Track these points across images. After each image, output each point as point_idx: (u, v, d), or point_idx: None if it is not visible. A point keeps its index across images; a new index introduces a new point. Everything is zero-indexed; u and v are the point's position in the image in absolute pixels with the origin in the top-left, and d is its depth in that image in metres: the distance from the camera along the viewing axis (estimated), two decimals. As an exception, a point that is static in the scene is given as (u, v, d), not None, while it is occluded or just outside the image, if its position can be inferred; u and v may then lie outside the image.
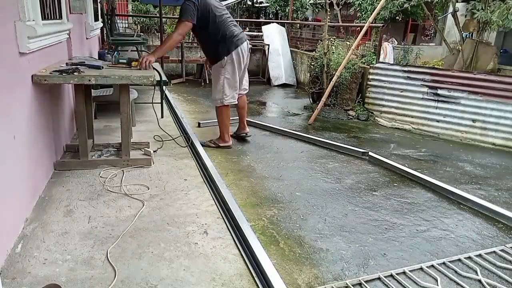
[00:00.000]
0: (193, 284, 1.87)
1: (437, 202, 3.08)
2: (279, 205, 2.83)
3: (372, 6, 11.69)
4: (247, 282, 1.91)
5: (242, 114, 4.30)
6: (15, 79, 2.19)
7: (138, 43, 6.15)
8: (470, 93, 4.94)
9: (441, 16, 13.07)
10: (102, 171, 3.08)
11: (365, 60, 6.71)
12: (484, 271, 2.17)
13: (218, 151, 3.91)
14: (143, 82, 2.82)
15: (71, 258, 1.98)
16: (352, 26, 12.33)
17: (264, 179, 3.28)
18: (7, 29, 2.12)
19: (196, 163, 3.42)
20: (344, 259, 2.20)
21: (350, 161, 3.88)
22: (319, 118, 5.53)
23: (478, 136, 4.93)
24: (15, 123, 2.13)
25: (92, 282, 1.83)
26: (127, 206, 2.57)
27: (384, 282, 2.01)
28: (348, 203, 2.95)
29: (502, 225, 2.74)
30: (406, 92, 5.50)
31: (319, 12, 18.39)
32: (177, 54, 8.42)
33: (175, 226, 2.37)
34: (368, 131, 5.21)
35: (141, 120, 4.57)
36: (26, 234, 2.16)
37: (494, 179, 3.66)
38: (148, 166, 3.24)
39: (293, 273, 2.05)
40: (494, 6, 7.96)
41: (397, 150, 4.38)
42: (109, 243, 2.13)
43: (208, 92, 7.25)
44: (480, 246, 2.46)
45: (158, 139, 3.91)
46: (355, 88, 5.98)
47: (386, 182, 3.40)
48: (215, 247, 2.18)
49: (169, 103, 5.59)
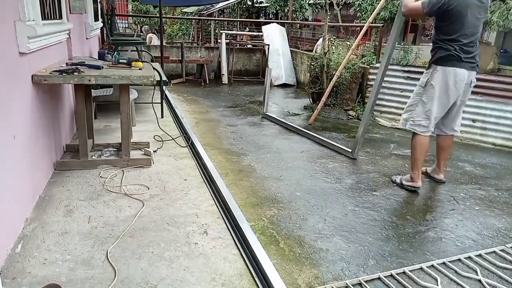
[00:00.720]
0: (193, 284, 1.87)
1: (438, 202, 3.08)
2: (279, 205, 2.83)
3: (372, 6, 11.69)
4: (247, 282, 1.91)
5: (440, 155, 3.45)
6: (15, 79, 2.19)
7: (138, 43, 6.15)
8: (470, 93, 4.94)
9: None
10: (102, 171, 3.08)
11: (365, 60, 6.71)
12: (484, 271, 2.17)
13: (218, 151, 3.91)
14: (143, 82, 2.82)
15: (71, 258, 1.98)
16: (352, 26, 12.33)
17: (264, 179, 3.28)
18: (7, 29, 2.12)
19: (196, 163, 3.42)
20: (344, 259, 2.20)
21: (350, 161, 3.88)
22: (319, 118, 5.54)
23: (478, 136, 4.93)
24: (15, 123, 2.13)
25: (92, 282, 1.83)
26: (127, 206, 2.57)
27: (384, 282, 2.01)
28: (348, 203, 2.95)
29: (501, 225, 2.75)
30: (406, 92, 5.50)
31: (319, 12, 18.40)
32: (177, 54, 8.43)
33: (175, 226, 2.37)
34: (368, 131, 5.20)
35: (141, 120, 4.57)
36: (26, 234, 2.16)
37: (494, 179, 3.66)
38: (148, 166, 3.24)
39: (293, 273, 2.05)
40: (494, 6, 7.96)
41: (397, 150, 4.38)
42: (109, 243, 2.13)
43: (208, 92, 7.25)
44: (480, 246, 2.46)
45: (158, 139, 3.91)
46: (355, 88, 5.98)
47: (386, 182, 3.40)
48: (215, 247, 2.18)
49: (169, 103, 5.59)
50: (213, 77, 8.69)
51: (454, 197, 3.19)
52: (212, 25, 13.99)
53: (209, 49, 9.11)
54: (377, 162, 3.92)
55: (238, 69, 9.06)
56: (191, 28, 15.14)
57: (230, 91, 7.47)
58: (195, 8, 15.46)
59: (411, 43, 14.55)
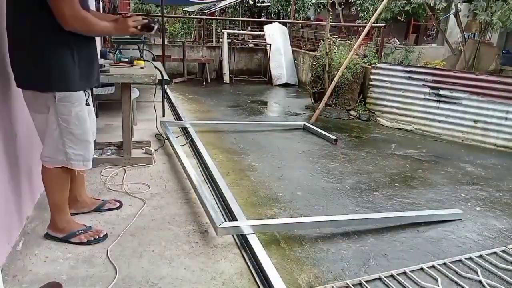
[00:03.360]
0: (194, 283, 1.87)
1: (438, 203, 3.08)
2: (280, 204, 2.83)
3: (373, 6, 11.68)
4: (247, 281, 1.92)
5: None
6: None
7: (140, 42, 6.14)
8: (472, 93, 4.93)
9: (443, 17, 13.06)
10: (104, 170, 3.08)
11: (366, 60, 6.70)
12: (485, 272, 2.17)
13: (219, 150, 3.91)
14: (145, 81, 2.82)
15: (72, 256, 1.99)
16: (354, 26, 12.31)
17: (265, 178, 3.28)
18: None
19: (197, 162, 3.42)
20: (345, 259, 2.20)
21: (351, 161, 3.88)
22: (320, 118, 5.53)
23: (479, 136, 4.92)
24: (16, 122, 2.13)
25: (93, 280, 1.83)
26: (128, 204, 2.57)
27: (384, 282, 2.01)
28: (349, 203, 2.95)
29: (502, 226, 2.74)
30: (407, 93, 5.49)
31: (321, 11, 18.38)
32: (178, 53, 8.43)
33: (176, 225, 2.37)
34: (370, 131, 5.21)
35: (142, 119, 4.57)
36: (27, 232, 2.16)
37: (496, 180, 3.66)
38: (149, 165, 3.24)
39: (293, 272, 2.05)
40: (496, 6, 7.94)
41: (398, 151, 4.37)
42: (109, 241, 2.14)
43: (209, 91, 7.25)
44: (481, 247, 2.45)
45: (160, 138, 3.92)
46: (356, 88, 5.97)
47: (387, 182, 3.40)
48: (215, 246, 2.18)
49: (170, 102, 5.59)
50: (215, 76, 8.69)
51: (455, 198, 3.18)
52: (214, 24, 13.98)
53: (211, 48, 9.10)
54: (378, 162, 3.92)
55: (239, 68, 9.05)
56: (192, 27, 15.14)
57: (232, 91, 7.47)
58: (197, 7, 15.45)
59: (413, 43, 14.54)
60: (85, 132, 1.96)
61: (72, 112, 1.88)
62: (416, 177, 3.57)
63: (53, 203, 2.05)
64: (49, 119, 1.87)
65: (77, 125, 1.91)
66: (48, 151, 1.95)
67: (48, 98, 1.83)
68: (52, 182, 2.03)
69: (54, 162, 1.97)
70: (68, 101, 1.86)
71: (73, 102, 1.87)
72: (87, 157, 2.01)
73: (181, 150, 3.35)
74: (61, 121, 1.87)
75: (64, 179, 2.05)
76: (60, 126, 1.88)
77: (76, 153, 1.95)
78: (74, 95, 1.87)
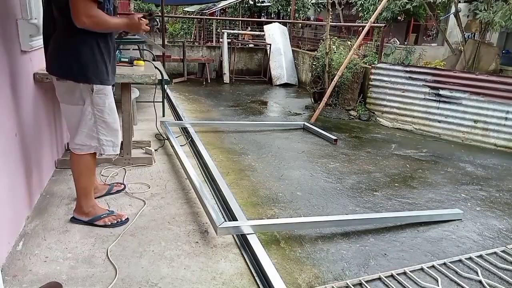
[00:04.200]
0: (194, 283, 1.87)
1: (438, 203, 3.08)
2: (280, 204, 2.83)
3: (374, 6, 11.68)
4: (247, 281, 1.92)
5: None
6: (17, 77, 2.19)
7: (140, 42, 6.14)
8: (472, 93, 4.93)
9: (443, 17, 13.06)
10: (104, 170, 3.08)
11: (367, 60, 6.70)
12: (485, 272, 2.17)
13: (219, 150, 3.91)
14: (145, 80, 2.82)
15: (72, 256, 1.99)
16: (354, 26, 12.31)
17: (265, 178, 3.28)
18: (9, 27, 2.12)
19: (197, 162, 3.42)
20: (345, 259, 2.20)
21: (351, 161, 3.88)
22: (320, 117, 5.53)
23: (479, 137, 4.92)
24: (17, 121, 2.13)
25: (93, 280, 1.83)
26: (128, 204, 2.57)
27: (384, 282, 2.01)
28: (349, 203, 2.95)
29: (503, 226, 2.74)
30: (407, 93, 5.49)
31: (321, 11, 18.38)
32: (178, 53, 8.43)
33: (176, 225, 2.37)
34: (370, 131, 5.21)
35: (142, 119, 4.57)
36: (27, 232, 2.16)
37: (496, 180, 3.66)
38: (149, 165, 3.24)
39: (293, 272, 2.05)
40: (497, 6, 7.95)
41: (398, 151, 4.38)
42: (109, 241, 2.14)
43: (209, 91, 7.26)
44: (481, 247, 2.45)
45: (160, 138, 3.92)
46: (356, 88, 5.97)
47: (387, 182, 3.40)
48: (215, 246, 2.18)
49: (170, 102, 5.59)
50: (215, 76, 8.69)
51: (455, 198, 3.18)
52: (214, 24, 13.98)
53: (211, 48, 9.11)
54: (378, 162, 3.92)
55: (239, 68, 9.05)
56: (192, 27, 15.14)
57: (232, 91, 7.47)
58: (197, 7, 15.45)
59: (413, 43, 14.55)
60: (115, 121, 2.23)
61: (106, 103, 2.14)
62: (416, 177, 3.57)
63: (82, 187, 2.25)
64: (85, 110, 2.11)
65: (110, 115, 2.18)
66: (82, 138, 2.16)
67: (85, 90, 2.07)
68: (81, 168, 2.24)
69: (87, 149, 2.19)
70: (103, 93, 2.11)
71: (107, 94, 2.14)
72: (116, 143, 2.27)
73: (181, 150, 3.35)
74: (96, 111, 2.13)
75: (92, 165, 2.28)
76: (95, 116, 2.14)
77: (108, 139, 2.21)
78: (107, 88, 2.14)
